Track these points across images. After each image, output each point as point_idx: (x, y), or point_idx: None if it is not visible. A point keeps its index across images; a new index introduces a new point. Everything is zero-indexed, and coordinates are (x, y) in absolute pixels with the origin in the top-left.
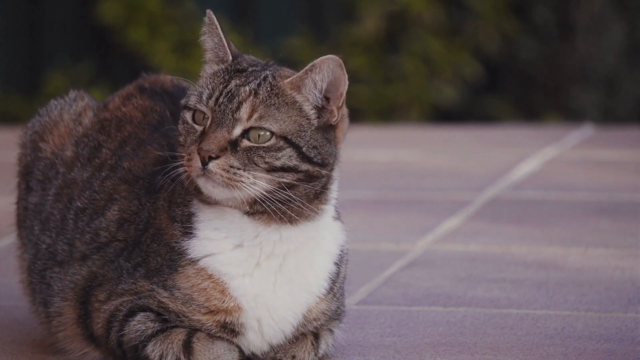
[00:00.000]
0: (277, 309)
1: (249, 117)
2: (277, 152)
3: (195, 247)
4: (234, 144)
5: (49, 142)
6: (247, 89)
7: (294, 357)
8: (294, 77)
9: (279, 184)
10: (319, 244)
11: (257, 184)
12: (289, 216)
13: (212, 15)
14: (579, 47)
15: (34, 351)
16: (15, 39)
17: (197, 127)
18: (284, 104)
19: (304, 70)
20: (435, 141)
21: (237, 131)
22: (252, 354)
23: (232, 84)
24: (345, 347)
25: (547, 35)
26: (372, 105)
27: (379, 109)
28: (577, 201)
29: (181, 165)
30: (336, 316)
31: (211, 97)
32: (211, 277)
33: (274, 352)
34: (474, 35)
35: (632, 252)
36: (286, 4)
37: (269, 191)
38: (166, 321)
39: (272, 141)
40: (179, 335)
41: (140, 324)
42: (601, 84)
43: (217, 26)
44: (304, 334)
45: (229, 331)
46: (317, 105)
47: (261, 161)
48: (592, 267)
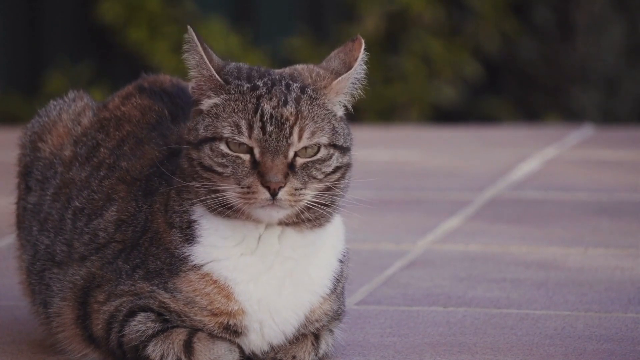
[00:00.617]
0: (280, 310)
1: (300, 138)
2: (329, 159)
3: (199, 253)
4: (291, 166)
5: (48, 142)
6: (290, 110)
7: (294, 357)
8: (338, 81)
9: (326, 187)
10: (325, 241)
11: (311, 194)
12: (325, 219)
13: (192, 32)
14: (579, 47)
15: (34, 351)
16: (15, 39)
17: (243, 157)
18: (325, 111)
19: (350, 70)
20: (435, 141)
21: (292, 154)
22: (252, 354)
23: (267, 107)
24: (345, 347)
25: (547, 35)
26: (372, 105)
27: (379, 109)
28: (577, 201)
29: (223, 197)
30: (337, 316)
31: (252, 128)
32: (216, 282)
33: (274, 352)
34: (474, 35)
35: (632, 252)
36: (286, 4)
37: (316, 196)
38: (167, 321)
39: (322, 152)
40: (179, 335)
41: (140, 324)
42: (601, 84)
43: (197, 44)
44: (304, 334)
45: (232, 332)
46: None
47: (319, 173)
48: (592, 267)
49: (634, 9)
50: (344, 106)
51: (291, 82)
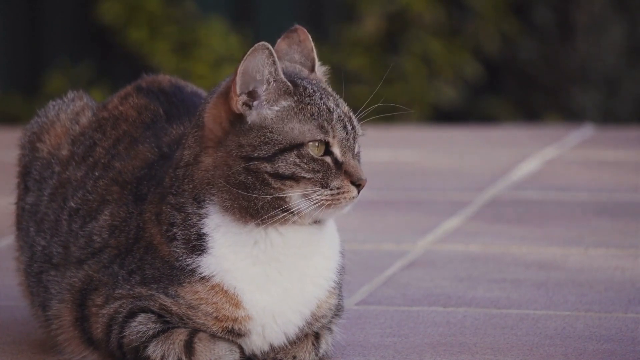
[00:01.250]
0: (285, 312)
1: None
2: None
3: (209, 264)
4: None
5: (46, 142)
6: (347, 106)
7: (294, 357)
8: (321, 74)
9: None
10: (326, 234)
11: None
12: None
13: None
14: (579, 47)
15: (34, 351)
16: (15, 39)
17: (327, 160)
18: None
19: (316, 62)
20: (435, 141)
21: (357, 149)
22: (252, 354)
23: (331, 105)
24: (345, 347)
25: (547, 35)
26: (372, 105)
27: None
28: (577, 201)
29: (288, 204)
30: (337, 312)
31: (335, 129)
32: (226, 292)
33: (274, 352)
34: (474, 35)
35: (632, 252)
36: (286, 4)
37: None
38: (167, 322)
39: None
40: (180, 335)
41: (141, 325)
42: (601, 84)
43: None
44: (305, 334)
45: (234, 334)
46: None
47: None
48: (592, 267)
49: (634, 9)
50: None
51: (310, 78)
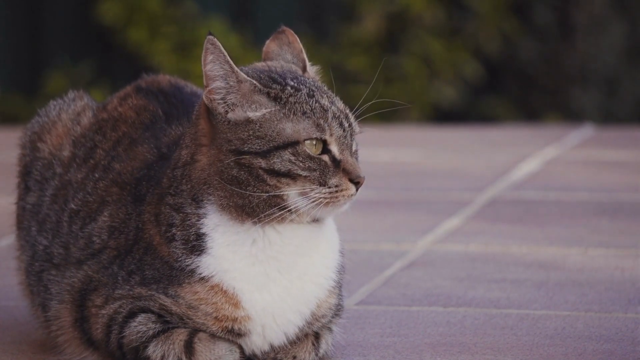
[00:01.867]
0: (285, 312)
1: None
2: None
3: (208, 264)
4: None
5: (47, 142)
6: (342, 103)
7: (294, 357)
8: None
9: None
10: (325, 233)
11: None
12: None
13: (216, 41)
14: (579, 47)
15: (34, 351)
16: (15, 39)
17: (324, 158)
18: None
19: (306, 62)
20: (435, 141)
21: (355, 147)
22: (253, 354)
23: (326, 103)
24: (345, 347)
25: (547, 35)
26: (372, 105)
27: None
28: (577, 201)
29: (286, 202)
30: (337, 312)
31: (332, 127)
32: (225, 292)
33: (275, 352)
34: (474, 35)
35: (632, 252)
36: (286, 4)
37: None
38: (167, 322)
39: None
40: (180, 335)
41: (141, 325)
42: (601, 84)
43: (224, 54)
44: (305, 334)
45: (234, 334)
46: None
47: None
48: (592, 267)
49: (634, 9)
50: None
51: (305, 77)
